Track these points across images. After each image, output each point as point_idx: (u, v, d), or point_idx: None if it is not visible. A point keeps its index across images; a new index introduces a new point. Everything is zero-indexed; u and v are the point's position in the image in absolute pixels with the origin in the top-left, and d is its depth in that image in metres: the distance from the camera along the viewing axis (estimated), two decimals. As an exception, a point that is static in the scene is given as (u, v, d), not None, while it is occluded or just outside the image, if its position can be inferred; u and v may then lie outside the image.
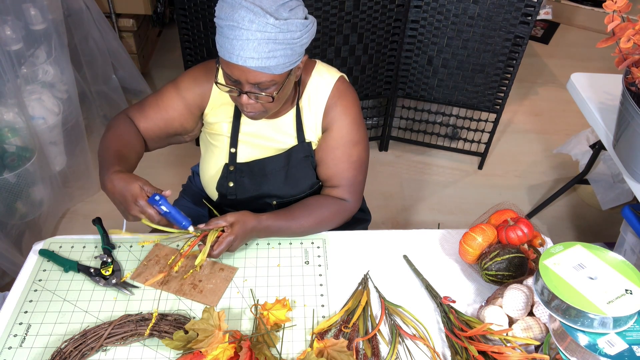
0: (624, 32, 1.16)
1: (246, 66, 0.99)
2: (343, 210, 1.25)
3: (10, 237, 1.91)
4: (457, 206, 2.45)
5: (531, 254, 1.12)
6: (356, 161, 1.24)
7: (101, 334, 0.99)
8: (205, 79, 1.21)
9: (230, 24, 0.96)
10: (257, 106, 1.08)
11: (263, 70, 1.00)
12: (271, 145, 1.25)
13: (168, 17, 3.49)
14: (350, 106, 1.22)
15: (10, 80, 1.78)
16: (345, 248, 1.21)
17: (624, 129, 1.32)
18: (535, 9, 2.08)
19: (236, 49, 0.98)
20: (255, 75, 1.01)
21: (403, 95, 2.50)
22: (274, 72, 1.01)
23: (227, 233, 1.08)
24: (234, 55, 0.99)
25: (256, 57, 0.98)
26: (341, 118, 1.21)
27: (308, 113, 1.22)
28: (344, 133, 1.22)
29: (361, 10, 2.10)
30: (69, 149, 2.20)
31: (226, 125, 1.24)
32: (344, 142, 1.22)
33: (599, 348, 0.86)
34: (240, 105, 1.09)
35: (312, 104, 1.21)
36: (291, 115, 1.22)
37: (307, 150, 1.24)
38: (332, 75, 1.22)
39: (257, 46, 0.97)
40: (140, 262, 1.16)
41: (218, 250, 1.06)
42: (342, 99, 1.21)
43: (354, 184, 1.25)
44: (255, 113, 1.10)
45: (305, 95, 1.21)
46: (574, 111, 2.74)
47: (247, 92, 1.04)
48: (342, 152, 1.22)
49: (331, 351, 0.94)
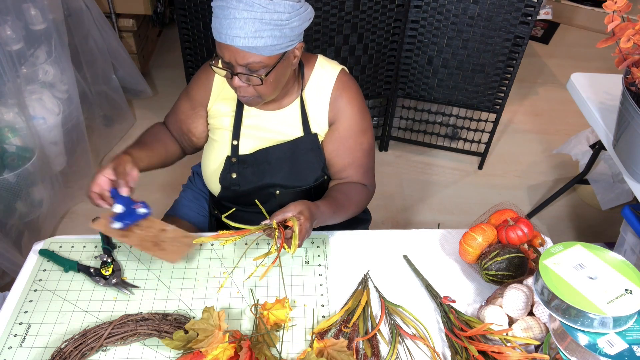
0: (624, 32, 1.16)
1: (234, 45, 1.02)
2: (368, 194, 1.32)
3: (10, 237, 1.90)
4: (457, 206, 2.45)
5: (531, 254, 1.12)
6: (367, 149, 1.28)
7: (101, 334, 0.99)
8: (206, 75, 1.27)
9: (221, 4, 1.01)
10: (250, 90, 1.10)
11: (250, 50, 1.02)
12: (275, 137, 1.26)
13: (168, 17, 3.49)
14: (355, 96, 1.25)
15: (11, 80, 1.78)
16: (345, 248, 1.22)
17: (624, 129, 1.32)
18: (535, 9, 2.08)
19: (224, 28, 1.01)
20: (244, 56, 1.03)
21: (403, 95, 2.50)
22: (262, 54, 1.03)
23: (303, 221, 1.07)
24: (222, 34, 1.02)
25: (242, 36, 1.00)
26: (348, 109, 1.24)
27: (313, 105, 1.24)
28: (353, 123, 1.25)
29: (361, 10, 2.10)
30: (69, 149, 2.20)
31: (228, 119, 1.25)
32: (354, 131, 1.25)
33: (599, 348, 0.86)
34: (234, 89, 1.12)
35: (316, 96, 1.23)
36: (296, 106, 1.23)
37: (314, 141, 1.25)
38: (334, 68, 1.25)
39: (243, 25, 0.99)
40: (138, 260, 1.16)
41: (301, 239, 1.06)
42: (346, 90, 1.24)
43: (368, 170, 1.31)
44: (249, 98, 1.12)
45: (308, 87, 1.23)
46: (574, 111, 2.75)
47: (237, 73, 1.06)
48: (354, 141, 1.26)
49: (331, 351, 0.94)
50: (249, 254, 1.18)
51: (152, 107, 2.93)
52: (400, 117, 2.65)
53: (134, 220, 1.11)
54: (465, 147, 2.69)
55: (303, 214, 1.08)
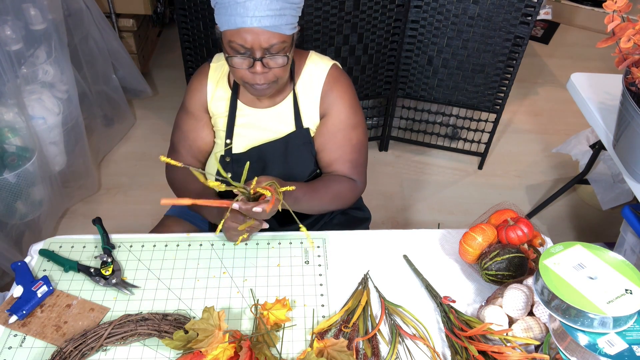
0: (624, 32, 1.16)
1: (261, 27, 1.03)
2: (354, 188, 1.29)
3: (10, 237, 1.91)
4: (457, 206, 2.45)
5: (531, 253, 1.12)
6: (357, 144, 1.27)
7: (101, 334, 0.99)
8: (198, 80, 1.27)
9: None
10: (269, 76, 1.11)
11: (275, 29, 1.04)
12: (267, 135, 1.26)
13: (168, 17, 3.49)
14: (346, 90, 1.25)
15: (10, 80, 1.78)
16: (345, 248, 1.22)
17: (624, 129, 1.32)
18: (535, 9, 2.08)
19: (250, 10, 1.01)
20: (269, 37, 1.04)
21: (403, 95, 2.50)
22: (285, 32, 1.05)
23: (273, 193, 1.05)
24: (248, 18, 1.02)
25: (271, 15, 1.02)
26: (338, 103, 1.24)
27: (304, 99, 1.24)
28: (343, 117, 1.25)
29: (361, 10, 2.10)
30: (68, 149, 2.20)
31: (222, 120, 1.26)
32: (343, 126, 1.25)
33: (599, 348, 0.86)
34: (252, 78, 1.10)
35: (307, 90, 1.24)
36: (289, 101, 1.24)
37: (306, 136, 1.25)
38: (325, 63, 1.25)
39: (269, 3, 1.01)
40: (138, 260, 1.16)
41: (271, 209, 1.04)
42: (337, 84, 1.24)
43: (357, 165, 1.28)
44: (266, 85, 1.12)
45: (300, 81, 1.24)
46: (574, 111, 2.75)
47: (261, 58, 1.07)
48: (342, 135, 1.25)
49: (331, 351, 0.94)
50: (249, 254, 1.18)
51: (152, 107, 2.93)
52: (400, 117, 2.65)
53: (34, 307, 1.04)
54: (465, 147, 2.69)
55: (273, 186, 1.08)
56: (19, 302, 1.03)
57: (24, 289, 1.05)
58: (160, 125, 2.78)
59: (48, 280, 1.07)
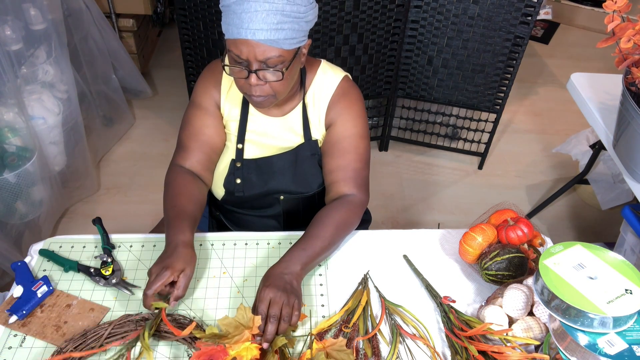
0: (624, 32, 1.16)
1: (255, 39, 0.99)
2: (354, 206, 1.19)
3: (10, 237, 1.91)
4: (457, 206, 2.45)
5: (531, 253, 1.12)
6: (362, 154, 1.23)
7: (101, 334, 0.98)
8: (211, 73, 1.24)
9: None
10: (266, 89, 1.08)
11: (272, 44, 1.00)
12: (278, 144, 1.25)
13: (168, 17, 3.49)
14: (355, 101, 1.23)
15: (10, 80, 1.78)
16: (345, 248, 1.21)
17: (624, 129, 1.32)
18: (535, 9, 2.08)
19: (245, 22, 0.99)
20: (264, 50, 1.01)
21: (403, 95, 2.50)
22: (282, 47, 1.02)
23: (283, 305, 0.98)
24: (242, 30, 0.99)
25: (265, 29, 0.99)
26: (345, 112, 1.22)
27: (312, 110, 1.23)
28: (349, 126, 1.22)
29: (361, 10, 2.10)
30: (68, 149, 2.20)
31: (234, 124, 1.25)
32: (349, 134, 1.22)
33: (599, 348, 0.86)
34: (249, 89, 1.08)
35: (316, 100, 1.22)
36: (298, 112, 1.23)
37: (314, 148, 1.25)
38: (336, 74, 1.24)
39: (265, 17, 0.98)
40: (138, 260, 1.16)
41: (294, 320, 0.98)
42: (346, 95, 1.22)
43: (359, 176, 1.22)
44: (264, 98, 1.09)
45: (310, 92, 1.22)
46: (574, 111, 2.74)
47: (256, 70, 1.04)
48: (348, 143, 1.21)
49: (331, 351, 0.94)
50: (249, 254, 1.18)
51: (152, 107, 2.93)
52: (400, 117, 2.65)
53: (34, 307, 1.04)
54: (465, 147, 2.69)
55: (276, 298, 0.98)
56: (19, 302, 1.03)
57: (24, 289, 1.05)
58: (160, 125, 2.78)
59: (48, 280, 1.07)
